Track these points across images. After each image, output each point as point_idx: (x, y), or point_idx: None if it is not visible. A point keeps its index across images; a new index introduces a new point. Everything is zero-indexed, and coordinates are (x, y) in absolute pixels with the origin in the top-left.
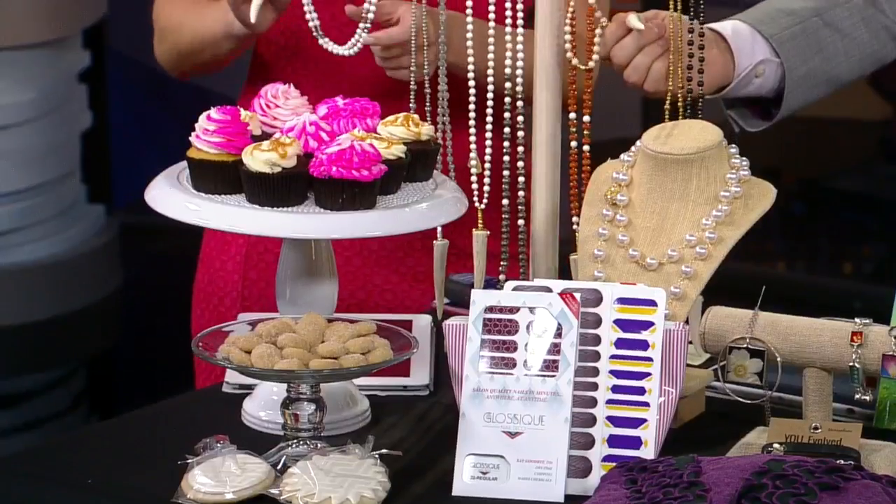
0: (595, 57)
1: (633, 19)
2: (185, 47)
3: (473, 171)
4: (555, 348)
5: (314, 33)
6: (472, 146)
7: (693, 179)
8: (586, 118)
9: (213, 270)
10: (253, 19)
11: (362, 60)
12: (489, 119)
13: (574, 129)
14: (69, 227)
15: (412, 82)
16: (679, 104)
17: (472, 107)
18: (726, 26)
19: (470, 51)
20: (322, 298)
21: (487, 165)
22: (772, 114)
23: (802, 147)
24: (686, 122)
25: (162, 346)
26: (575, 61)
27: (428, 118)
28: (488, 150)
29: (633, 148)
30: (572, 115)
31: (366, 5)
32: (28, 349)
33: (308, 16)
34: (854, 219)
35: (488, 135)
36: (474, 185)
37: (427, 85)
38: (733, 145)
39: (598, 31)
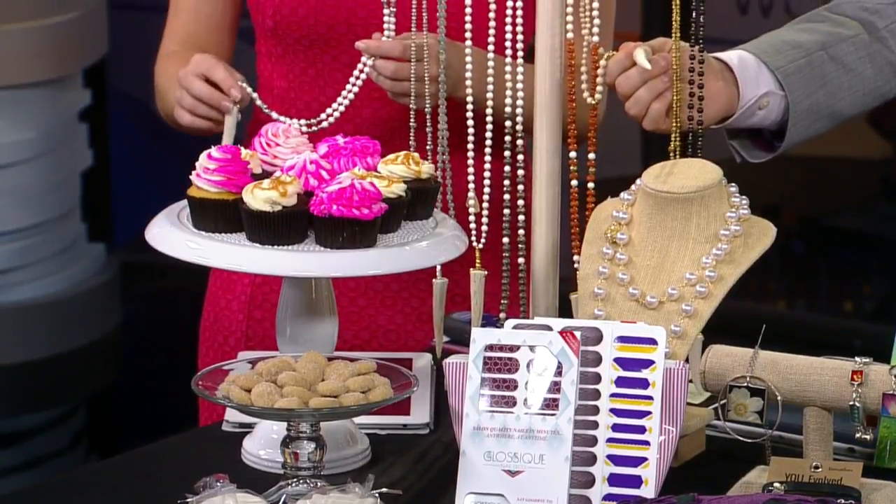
0: (599, 90)
1: (641, 56)
2: (169, 115)
3: (472, 210)
4: (555, 387)
5: (264, 109)
6: (471, 185)
7: (693, 218)
8: (591, 155)
9: (218, 309)
10: (227, 141)
11: (363, 102)
12: (488, 158)
13: (574, 168)
14: (69, 266)
15: (412, 119)
16: (676, 141)
17: (470, 146)
18: (732, 56)
19: (469, 82)
20: (322, 337)
21: (486, 204)
22: (774, 146)
23: (802, 185)
24: (686, 161)
25: (162, 385)
26: (586, 96)
27: (428, 157)
28: (487, 189)
29: (633, 186)
30: (573, 154)
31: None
32: (28, 388)
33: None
34: (854, 257)
35: (487, 174)
36: (472, 225)
37: (428, 123)
38: (733, 184)
39: (602, 62)
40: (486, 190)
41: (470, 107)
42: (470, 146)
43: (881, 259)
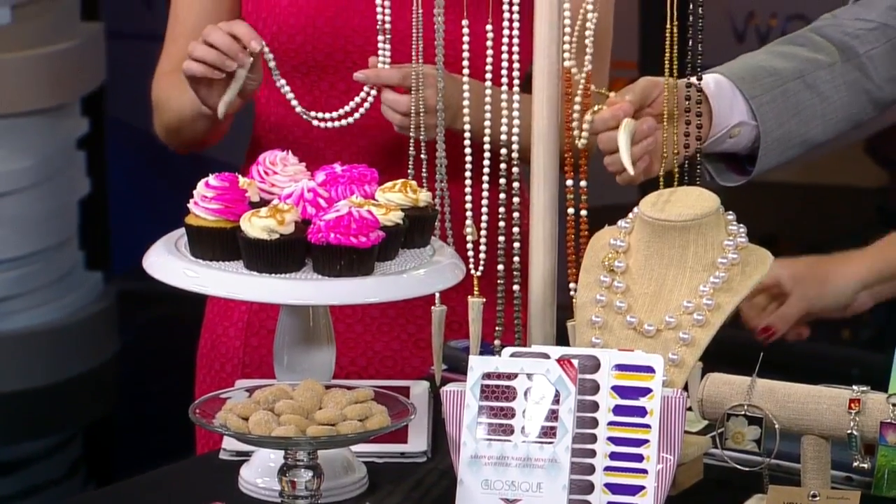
0: (585, 129)
1: (626, 159)
2: (168, 125)
3: (469, 238)
4: (552, 415)
5: (297, 109)
6: (469, 213)
7: (690, 246)
8: (583, 183)
9: (215, 336)
10: (221, 115)
11: (361, 130)
12: (485, 186)
13: (571, 196)
14: (67, 294)
15: (410, 147)
16: (663, 173)
17: (468, 174)
18: (709, 81)
19: (466, 110)
20: (320, 365)
21: (484, 232)
22: (746, 170)
23: (800, 214)
24: (683, 189)
25: (159, 413)
26: (584, 134)
27: (425, 184)
28: (485, 217)
29: (630, 214)
30: (569, 182)
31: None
32: (25, 416)
33: (287, 94)
34: None
35: (485, 202)
36: (470, 252)
37: (424, 151)
38: (730, 212)
39: (588, 116)
40: (484, 218)
41: (467, 135)
42: (468, 174)
43: None
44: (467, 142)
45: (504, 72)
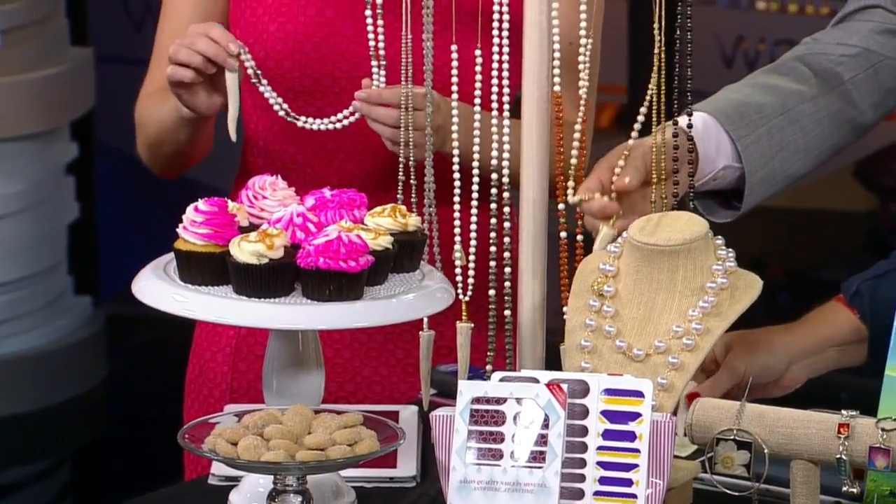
0: (574, 157)
1: (605, 239)
2: (152, 139)
3: (458, 262)
4: (542, 439)
5: (280, 112)
6: (457, 238)
7: (679, 270)
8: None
9: (203, 361)
10: (234, 137)
11: (347, 155)
12: (474, 210)
13: (563, 220)
14: (56, 319)
15: (400, 172)
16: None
17: (457, 198)
18: (696, 121)
19: (455, 135)
20: (309, 390)
21: (472, 256)
22: (732, 204)
23: (789, 238)
24: (672, 214)
25: (148, 438)
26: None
27: (414, 209)
28: (474, 242)
29: (619, 239)
30: (561, 206)
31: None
32: (14, 441)
33: (273, 102)
34: None
35: (473, 227)
36: (459, 277)
37: (413, 175)
38: (719, 237)
39: (574, 198)
40: (473, 243)
41: (456, 160)
42: (456, 199)
43: None
44: (456, 166)
45: (494, 96)
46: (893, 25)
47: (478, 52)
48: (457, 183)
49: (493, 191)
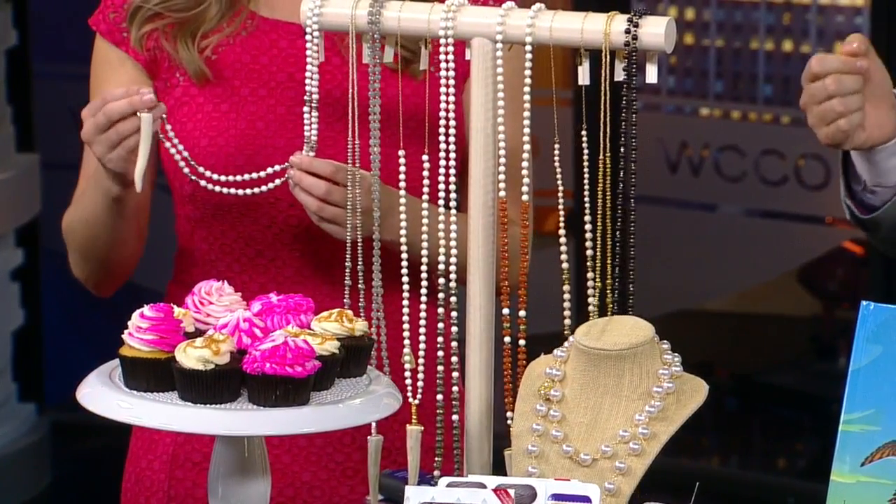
0: (528, 255)
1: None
2: (82, 243)
3: (407, 366)
4: None
5: (185, 170)
6: (406, 342)
7: (626, 375)
8: (522, 312)
9: (139, 470)
10: (139, 185)
11: (290, 261)
12: (423, 315)
13: (507, 325)
14: (0, 426)
15: (346, 279)
16: (609, 300)
17: (405, 301)
18: None
19: (403, 231)
20: (255, 496)
21: (422, 360)
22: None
23: (734, 343)
24: (618, 318)
25: None
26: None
27: (362, 314)
28: (423, 346)
29: (566, 343)
30: (506, 311)
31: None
32: None
33: (173, 150)
34: (787, 414)
35: (422, 329)
36: (408, 381)
37: (361, 281)
38: (665, 341)
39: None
40: (422, 346)
41: (405, 256)
42: (405, 295)
43: (813, 416)
44: (405, 263)
45: (441, 193)
46: None
47: (425, 158)
48: (405, 279)
49: (442, 287)
